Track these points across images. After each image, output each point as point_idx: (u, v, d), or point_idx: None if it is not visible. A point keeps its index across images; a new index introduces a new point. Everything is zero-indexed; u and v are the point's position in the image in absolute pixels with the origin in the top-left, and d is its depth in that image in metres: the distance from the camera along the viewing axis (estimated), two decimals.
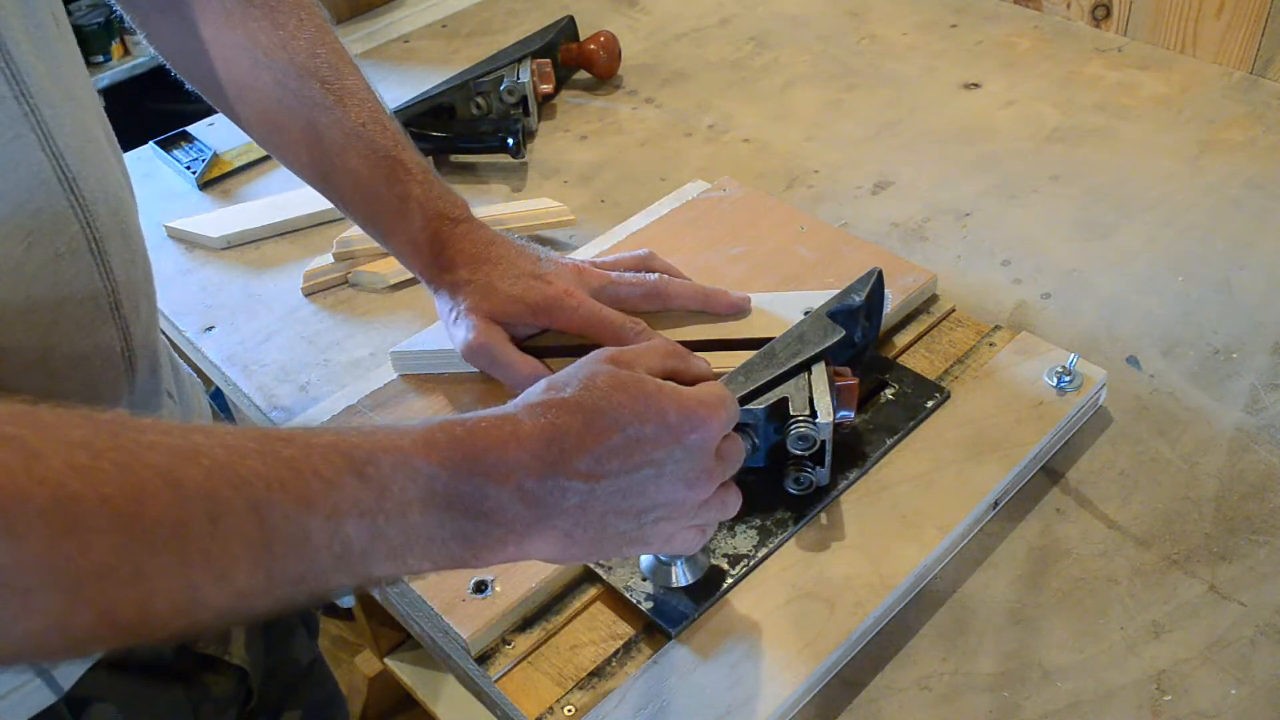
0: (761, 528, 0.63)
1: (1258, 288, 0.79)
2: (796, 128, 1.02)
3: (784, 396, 0.61)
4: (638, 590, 0.60)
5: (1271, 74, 1.00)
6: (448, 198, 0.69)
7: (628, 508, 0.47)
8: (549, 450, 0.45)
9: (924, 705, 0.56)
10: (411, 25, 1.24)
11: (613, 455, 0.46)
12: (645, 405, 0.47)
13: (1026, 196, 0.90)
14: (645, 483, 0.47)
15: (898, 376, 0.71)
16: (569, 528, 0.46)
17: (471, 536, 0.43)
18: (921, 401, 0.69)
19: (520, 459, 0.44)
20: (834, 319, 0.65)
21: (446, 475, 0.42)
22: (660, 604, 0.60)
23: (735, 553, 0.62)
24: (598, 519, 0.47)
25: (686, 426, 0.48)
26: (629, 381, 0.48)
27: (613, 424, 0.46)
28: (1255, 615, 0.59)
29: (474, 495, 0.43)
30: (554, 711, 0.57)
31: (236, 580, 0.37)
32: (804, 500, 0.64)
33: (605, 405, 0.47)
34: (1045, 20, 1.13)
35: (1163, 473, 0.67)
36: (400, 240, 0.68)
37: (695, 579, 0.60)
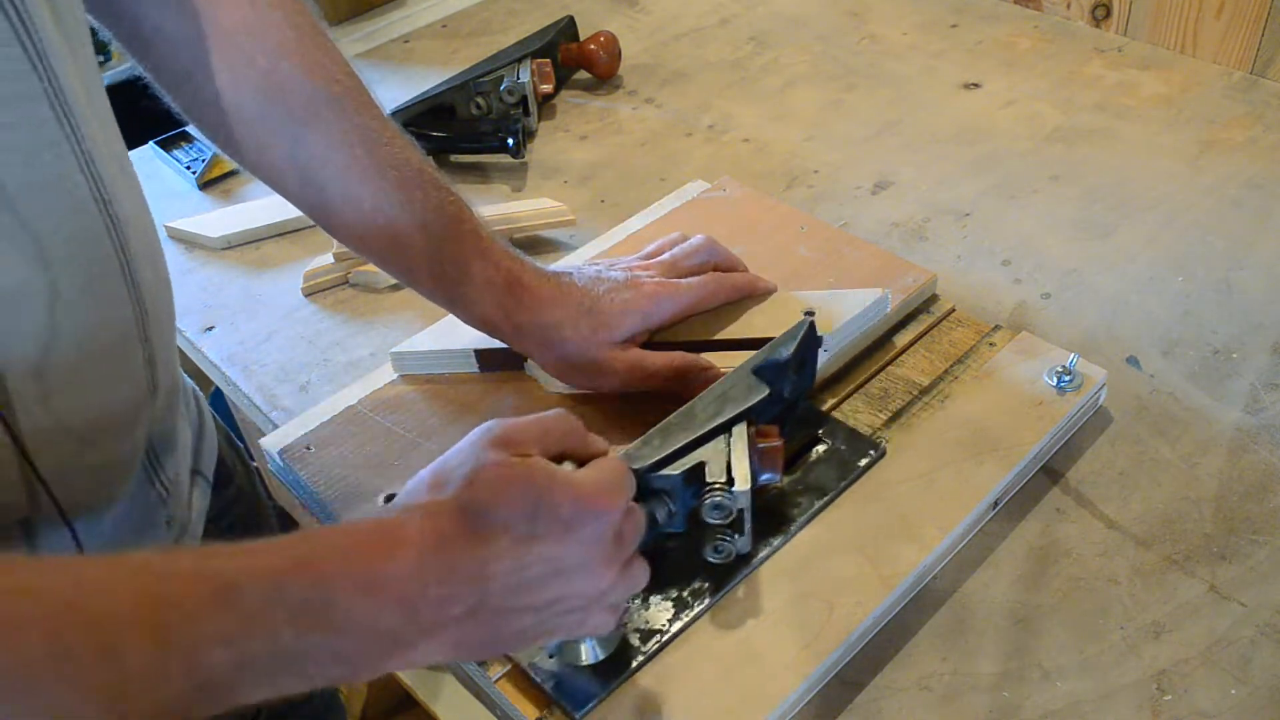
0: (678, 599, 0.59)
1: (1258, 288, 0.79)
2: (796, 128, 1.02)
3: (701, 461, 0.57)
4: (542, 669, 0.57)
5: (1271, 74, 1.00)
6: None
7: (523, 606, 0.46)
8: (432, 559, 0.43)
9: (924, 705, 0.56)
10: (411, 25, 1.24)
11: (500, 558, 0.44)
12: (535, 501, 0.45)
13: (1026, 196, 0.90)
14: (541, 581, 0.45)
15: (831, 431, 0.68)
16: (460, 634, 0.44)
17: (351, 654, 0.41)
18: (854, 460, 0.66)
19: (401, 570, 0.42)
20: (760, 374, 0.61)
21: (319, 594, 0.40)
22: (564, 683, 0.56)
23: (648, 627, 0.58)
24: (490, 621, 0.45)
25: (581, 520, 0.46)
26: (516, 475, 0.45)
27: (499, 525, 0.44)
28: (1255, 615, 0.59)
29: (352, 614, 0.41)
30: (554, 712, 0.57)
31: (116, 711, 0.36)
32: (724, 569, 0.60)
33: (490, 504, 0.44)
34: (1045, 20, 1.13)
35: (1163, 473, 0.67)
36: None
37: (605, 655, 0.57)
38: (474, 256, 0.66)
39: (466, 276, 0.66)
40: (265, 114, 0.63)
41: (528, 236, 0.89)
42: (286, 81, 0.63)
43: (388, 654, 0.43)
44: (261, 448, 0.73)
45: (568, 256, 0.85)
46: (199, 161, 1.02)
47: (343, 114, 0.64)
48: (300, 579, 0.40)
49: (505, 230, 0.88)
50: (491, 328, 0.68)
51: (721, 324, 0.71)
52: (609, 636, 0.57)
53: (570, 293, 0.67)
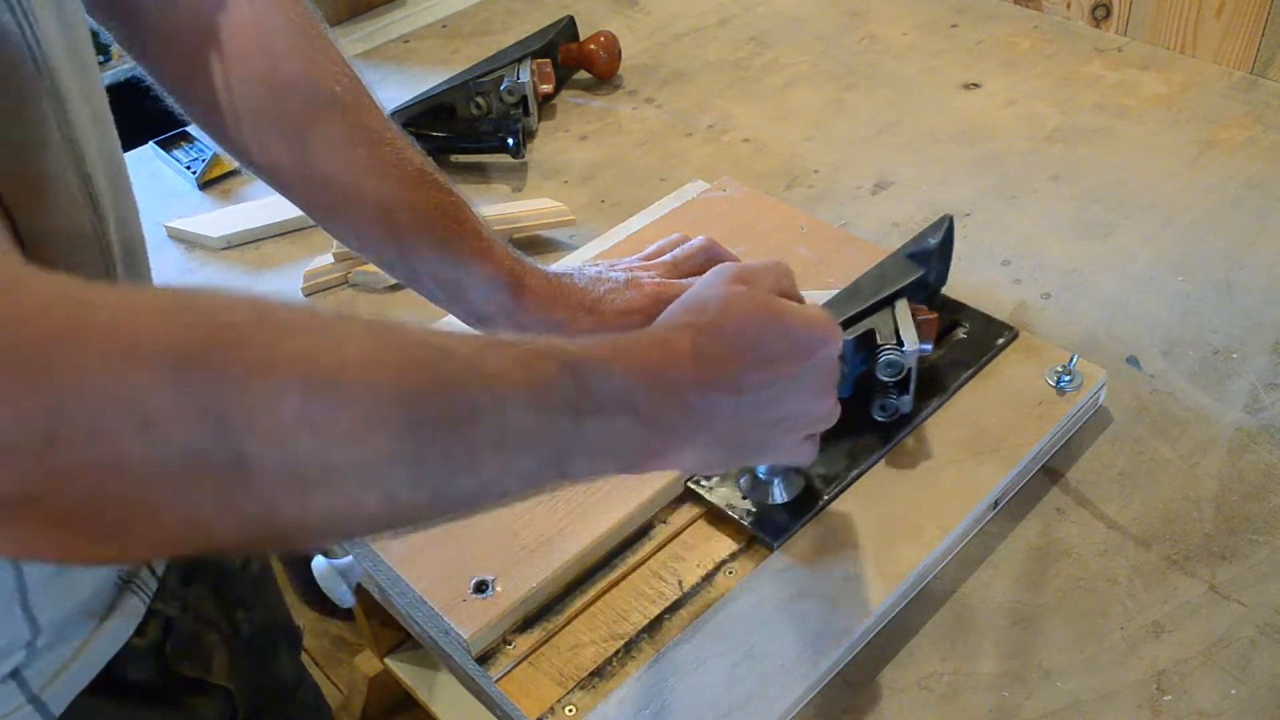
0: (850, 450, 0.67)
1: (1258, 288, 0.79)
2: (796, 128, 1.02)
3: (871, 328, 0.66)
4: (739, 508, 0.64)
5: (1271, 74, 1.00)
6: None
7: (765, 419, 0.51)
8: (704, 367, 0.48)
9: (924, 705, 0.56)
10: (411, 25, 1.24)
11: (754, 371, 0.50)
12: (778, 325, 0.51)
13: (1026, 196, 0.91)
14: (781, 396, 0.51)
15: (968, 317, 0.75)
16: (716, 438, 0.49)
17: (647, 442, 0.46)
18: (992, 339, 0.73)
19: (684, 374, 0.47)
20: (913, 258, 0.70)
21: (634, 384, 0.45)
22: (761, 519, 0.64)
23: (828, 472, 0.66)
24: (740, 430, 0.50)
25: (814, 344, 0.52)
26: (761, 304, 0.51)
27: (753, 343, 0.50)
28: (1255, 615, 0.59)
29: (651, 404, 0.46)
30: (555, 712, 0.57)
31: (483, 472, 0.40)
32: (890, 426, 0.68)
33: (745, 326, 0.50)
34: (1045, 20, 1.13)
35: (1163, 473, 0.67)
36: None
37: (792, 496, 0.64)
38: (476, 257, 0.66)
39: (468, 277, 0.66)
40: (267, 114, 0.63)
41: (528, 236, 0.89)
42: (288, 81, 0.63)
43: (665, 446, 0.47)
44: None
45: (568, 256, 0.85)
46: (199, 161, 1.02)
47: (345, 114, 0.64)
48: (622, 367, 0.45)
49: (505, 230, 0.88)
50: (493, 328, 0.68)
51: None
52: (793, 481, 0.65)
53: (571, 293, 0.67)
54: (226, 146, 0.66)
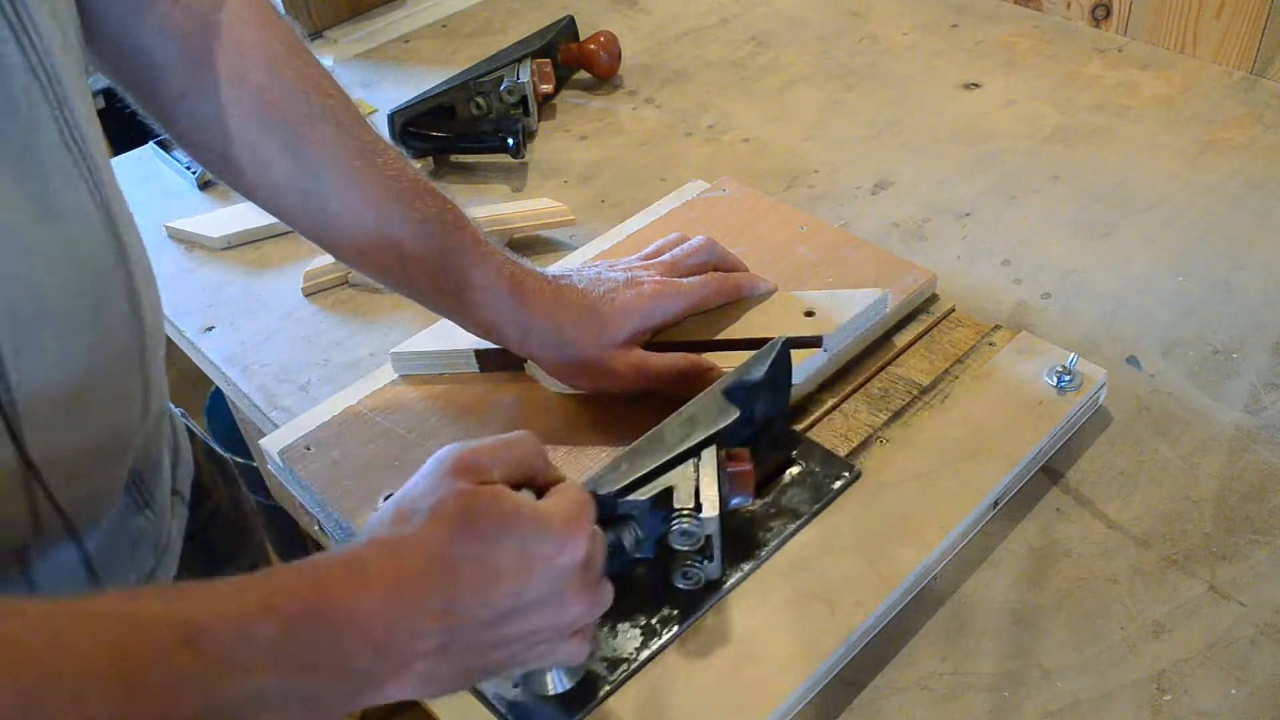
0: (646, 627, 0.58)
1: (1257, 288, 0.79)
2: (796, 128, 1.02)
3: (670, 486, 0.56)
4: (505, 700, 0.55)
5: (1271, 74, 1.00)
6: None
7: (494, 641, 0.45)
8: (398, 596, 0.42)
9: (924, 705, 0.56)
10: (411, 25, 1.24)
11: (468, 594, 0.44)
12: (501, 534, 0.44)
13: (1026, 196, 0.90)
14: (510, 614, 0.45)
15: (806, 453, 0.66)
16: (429, 670, 0.44)
17: (321, 695, 0.41)
18: (829, 482, 0.64)
19: (367, 609, 0.41)
20: (731, 396, 0.60)
21: (289, 638, 0.39)
22: (528, 715, 0.55)
23: (616, 655, 0.57)
24: (460, 657, 0.44)
25: (548, 551, 0.45)
26: (482, 507, 0.45)
27: (466, 559, 0.44)
28: (1255, 615, 0.59)
29: (320, 654, 0.40)
30: None
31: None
32: (694, 596, 0.59)
33: (456, 539, 0.44)
34: (1045, 20, 1.13)
35: (1163, 473, 0.67)
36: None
37: (571, 685, 0.55)
38: (475, 263, 0.66)
39: (468, 283, 0.66)
40: (262, 130, 0.63)
41: (528, 236, 0.89)
42: (282, 97, 0.63)
43: (357, 692, 0.42)
44: (261, 448, 0.73)
45: (568, 256, 0.85)
46: None
47: (339, 127, 0.64)
48: (268, 622, 0.39)
49: (505, 230, 0.88)
50: (494, 333, 0.68)
51: (722, 324, 0.71)
52: (575, 666, 0.55)
53: (571, 295, 0.67)
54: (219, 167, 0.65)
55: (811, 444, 0.67)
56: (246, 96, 0.62)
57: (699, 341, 0.70)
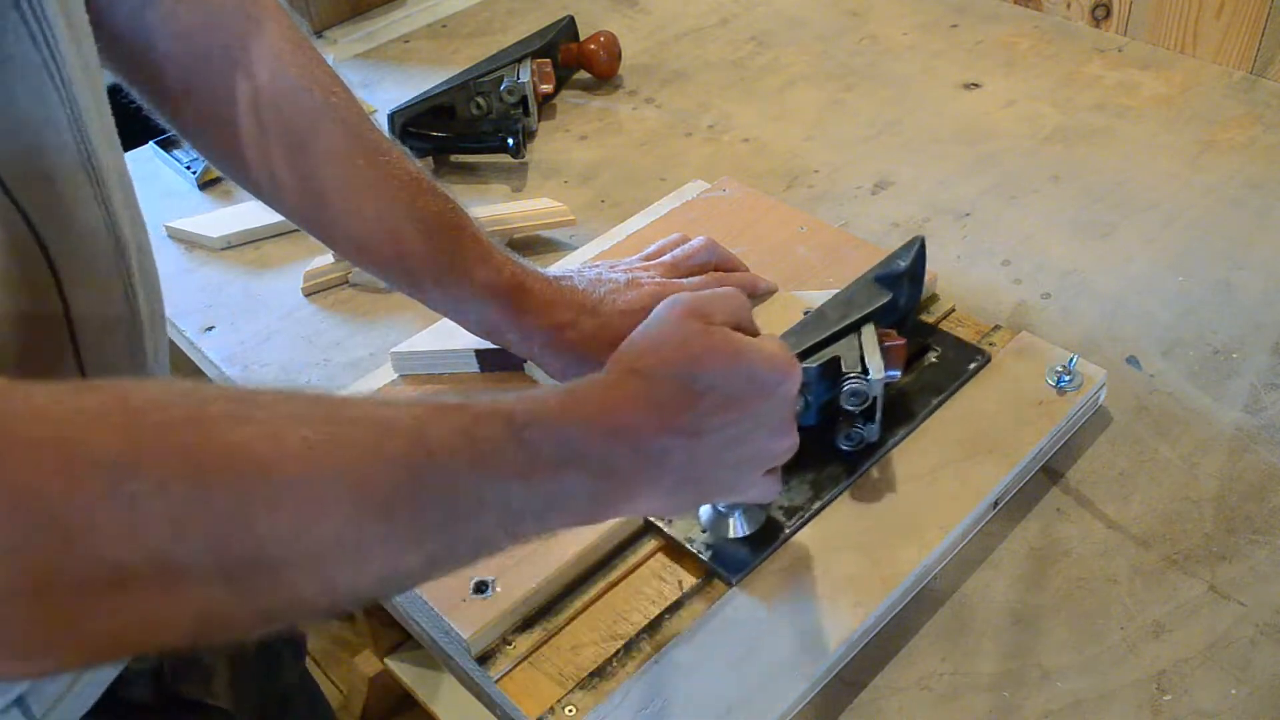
0: (815, 481, 0.65)
1: (1258, 288, 0.79)
2: (796, 128, 1.02)
3: (836, 356, 0.64)
4: (698, 541, 0.63)
5: (1271, 74, 1.00)
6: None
7: (724, 460, 0.50)
8: (659, 411, 0.47)
9: (924, 705, 0.56)
10: (411, 25, 1.24)
11: (712, 413, 0.48)
12: (735, 364, 0.49)
13: (1026, 196, 0.90)
14: (741, 436, 0.50)
15: (939, 341, 0.73)
16: (675, 482, 0.48)
17: (601, 494, 0.46)
18: (963, 364, 0.71)
19: (637, 420, 0.46)
20: (881, 282, 0.68)
21: (584, 438, 0.45)
22: (719, 553, 0.62)
23: (791, 504, 0.64)
24: (698, 473, 0.49)
25: (772, 382, 0.50)
26: (716, 341, 0.49)
27: (710, 384, 0.48)
28: (1255, 615, 0.59)
29: (605, 456, 0.45)
30: (555, 712, 0.57)
31: (428, 546, 0.39)
32: (855, 456, 0.66)
33: (701, 366, 0.49)
34: (1045, 20, 1.13)
35: (1163, 473, 0.67)
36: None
37: (753, 530, 0.62)
38: (477, 263, 0.66)
39: (470, 283, 0.66)
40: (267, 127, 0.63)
41: (528, 236, 0.89)
42: (287, 93, 0.63)
43: (623, 496, 0.47)
44: None
45: (568, 257, 0.85)
46: (199, 161, 1.01)
47: (343, 125, 0.64)
48: (572, 423, 0.44)
49: (505, 230, 0.88)
50: (495, 333, 0.68)
51: None
52: (753, 514, 0.62)
53: (572, 296, 0.67)
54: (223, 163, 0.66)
55: (944, 333, 0.74)
56: (250, 93, 0.62)
57: None
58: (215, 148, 0.64)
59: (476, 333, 0.69)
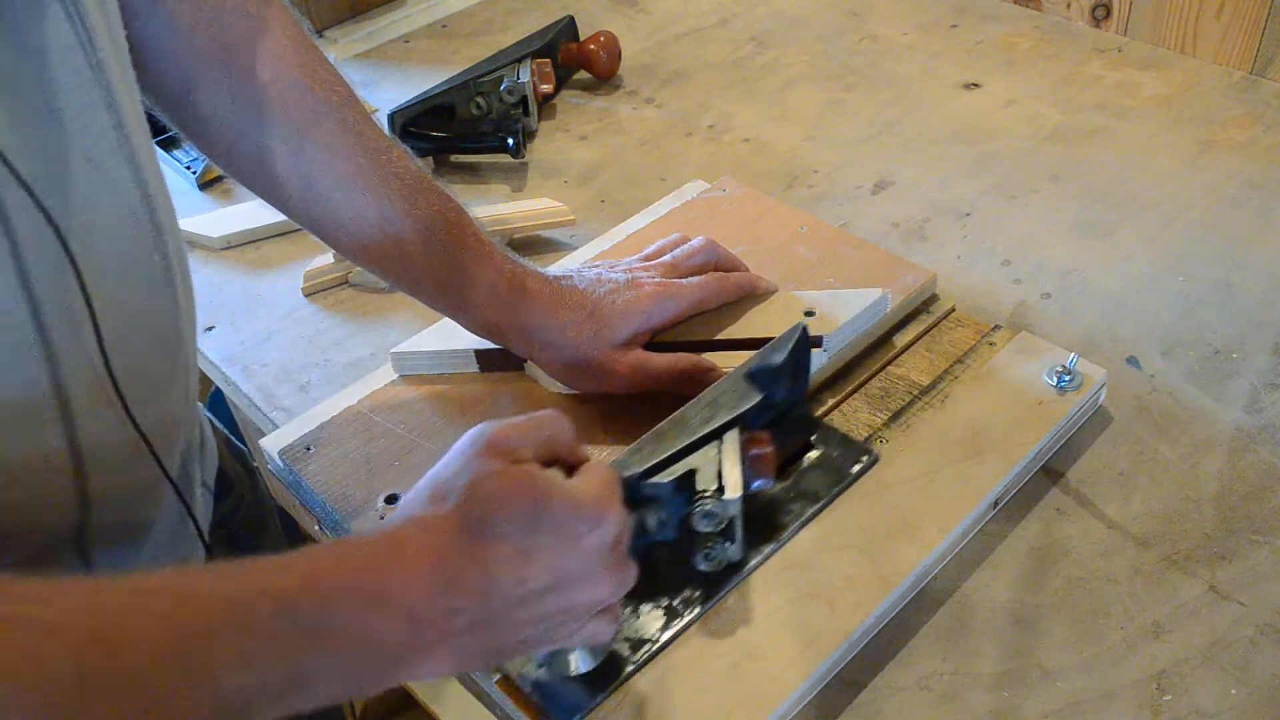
0: (669, 608, 0.59)
1: (1258, 288, 0.79)
2: (796, 128, 1.02)
3: (692, 468, 0.57)
4: (529, 680, 0.56)
5: (1271, 74, 1.00)
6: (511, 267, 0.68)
7: (526, 617, 0.46)
8: (435, 572, 0.43)
9: (924, 705, 0.56)
10: (411, 25, 1.24)
11: (505, 571, 0.44)
12: (536, 512, 0.45)
13: (1026, 196, 0.90)
14: (544, 591, 0.46)
15: (824, 438, 0.67)
16: (463, 646, 0.44)
17: (359, 670, 0.42)
18: (847, 466, 0.65)
19: (406, 586, 0.42)
20: (753, 379, 0.61)
21: (330, 615, 0.41)
22: (552, 693, 0.56)
23: (638, 636, 0.58)
24: (493, 632, 0.45)
25: (580, 529, 0.46)
26: (516, 486, 0.45)
27: (501, 537, 0.44)
28: (1255, 615, 0.59)
29: (361, 631, 0.41)
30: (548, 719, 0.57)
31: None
32: (716, 577, 0.60)
33: (491, 517, 0.44)
34: (1045, 20, 1.13)
35: (1163, 473, 0.67)
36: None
37: (594, 665, 0.56)
38: (477, 262, 0.66)
39: (470, 283, 0.66)
40: (268, 125, 0.63)
41: (528, 237, 0.89)
42: (288, 92, 0.63)
43: (394, 668, 0.43)
44: (261, 448, 0.73)
45: (568, 257, 0.85)
46: (199, 161, 1.02)
47: (344, 123, 0.64)
48: (310, 598, 0.40)
49: (505, 231, 0.88)
50: (495, 333, 0.68)
51: (722, 324, 0.71)
52: (598, 647, 0.56)
53: (572, 295, 0.67)
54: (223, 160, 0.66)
55: (829, 429, 0.68)
56: (252, 91, 0.62)
57: (699, 342, 0.70)
58: (216, 146, 0.65)
59: (477, 332, 0.69)
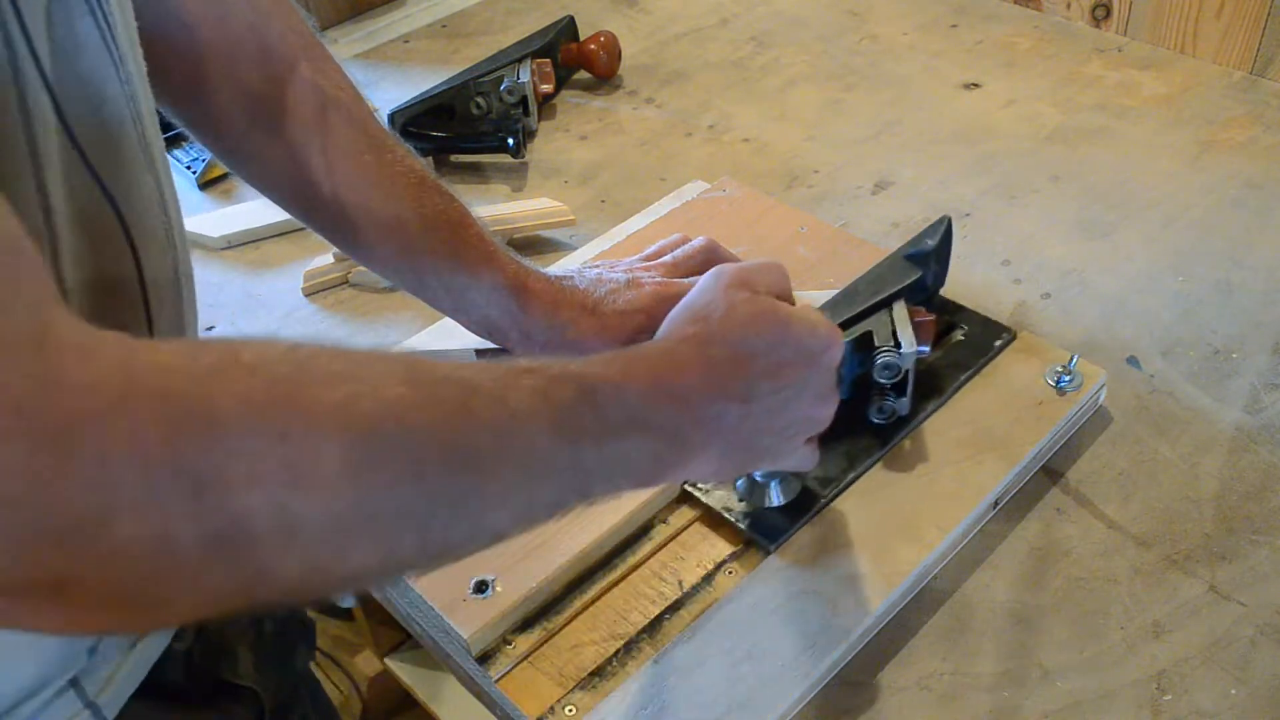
0: (848, 453, 0.67)
1: (1258, 288, 0.79)
2: (796, 128, 1.02)
3: (869, 330, 0.65)
4: (736, 510, 0.64)
5: (1271, 74, 1.00)
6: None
7: (773, 425, 0.51)
8: (713, 376, 0.48)
9: (924, 705, 0.56)
10: (411, 25, 1.24)
11: (761, 379, 0.50)
12: (783, 332, 0.51)
13: (1026, 196, 0.91)
14: (788, 402, 0.51)
15: (966, 319, 0.75)
16: (726, 446, 0.50)
17: (662, 456, 0.47)
18: (990, 341, 0.72)
19: (693, 384, 0.48)
20: (911, 260, 0.69)
21: (647, 401, 0.46)
22: (757, 521, 0.64)
23: (825, 475, 0.65)
24: (749, 437, 0.51)
25: (818, 349, 0.52)
26: (764, 310, 0.51)
27: (758, 351, 0.50)
28: (1255, 615, 0.59)
29: (664, 419, 0.47)
30: (555, 712, 0.57)
31: (514, 504, 0.40)
32: (887, 428, 0.67)
33: (749, 334, 0.50)
34: (1045, 20, 1.13)
35: (1163, 473, 0.67)
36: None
37: (789, 499, 0.64)
38: (480, 262, 0.66)
39: (473, 282, 0.66)
40: (274, 122, 0.63)
41: (528, 237, 0.89)
42: (295, 89, 0.63)
43: (682, 459, 0.48)
44: None
45: (568, 257, 0.85)
46: (199, 161, 1.02)
47: (350, 121, 0.64)
48: (609, 387, 0.45)
49: (505, 230, 0.88)
50: (496, 332, 0.68)
51: None
52: (789, 484, 0.64)
53: (573, 295, 0.67)
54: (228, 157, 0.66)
55: (971, 312, 0.75)
56: (258, 87, 0.62)
57: None
58: (220, 142, 0.65)
59: (477, 331, 0.69)
